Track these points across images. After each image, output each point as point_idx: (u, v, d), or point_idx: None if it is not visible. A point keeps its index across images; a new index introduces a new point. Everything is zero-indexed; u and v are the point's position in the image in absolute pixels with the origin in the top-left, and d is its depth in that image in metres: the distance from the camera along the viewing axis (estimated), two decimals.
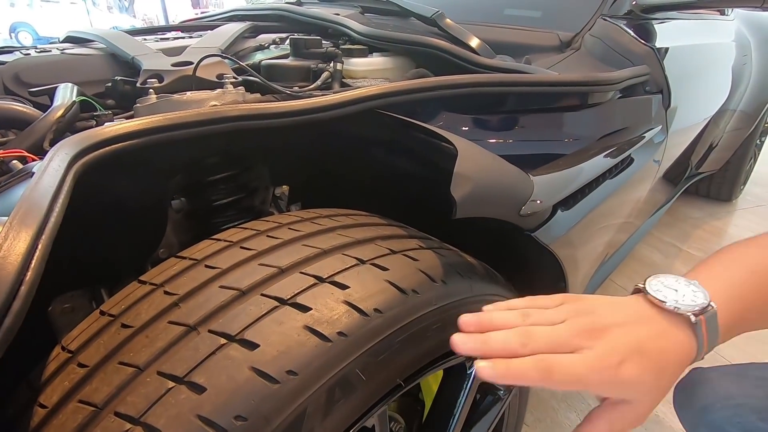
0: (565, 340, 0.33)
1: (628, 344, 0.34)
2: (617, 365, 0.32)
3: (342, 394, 0.32)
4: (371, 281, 0.37)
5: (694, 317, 0.35)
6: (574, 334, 0.34)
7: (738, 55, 1.60)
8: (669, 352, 0.35)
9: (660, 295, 0.36)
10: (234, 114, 0.45)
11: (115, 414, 0.29)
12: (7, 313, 0.21)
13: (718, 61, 1.46)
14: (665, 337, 0.35)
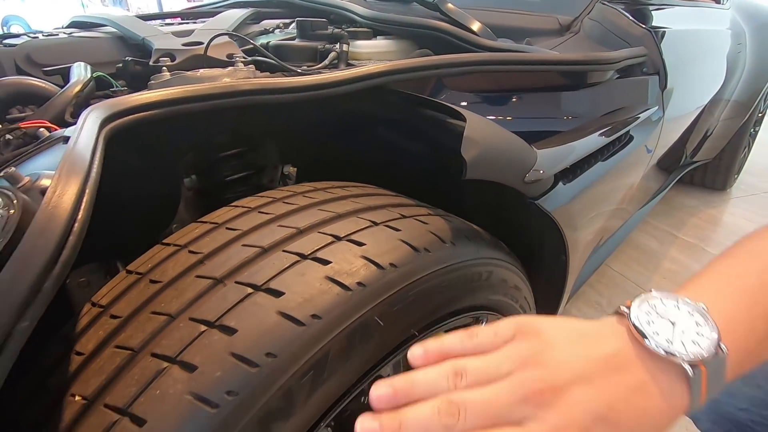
0: (506, 410, 0.24)
1: (591, 410, 0.24)
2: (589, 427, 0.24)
3: (361, 339, 0.34)
4: (386, 240, 0.39)
5: (692, 370, 0.25)
6: (518, 399, 0.25)
7: (733, 44, 1.62)
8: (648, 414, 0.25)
9: (649, 330, 0.26)
10: (249, 87, 0.47)
11: (152, 355, 0.31)
12: (65, 247, 0.23)
13: (714, 49, 1.49)
14: (646, 394, 0.25)
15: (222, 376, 0.29)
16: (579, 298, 1.50)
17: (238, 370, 0.29)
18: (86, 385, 0.32)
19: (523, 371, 0.25)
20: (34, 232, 0.23)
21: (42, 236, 0.23)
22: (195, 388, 0.29)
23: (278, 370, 0.30)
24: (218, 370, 0.29)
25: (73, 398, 0.32)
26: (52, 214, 0.24)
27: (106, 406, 0.30)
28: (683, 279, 1.32)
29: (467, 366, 0.26)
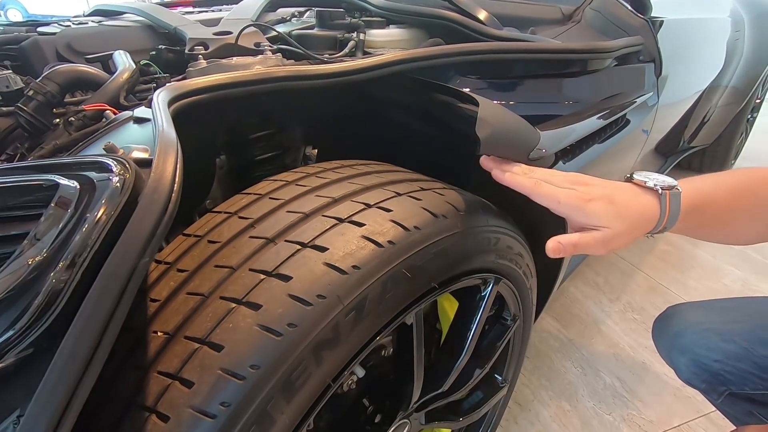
0: (558, 181, 0.47)
1: (601, 193, 0.46)
2: (587, 201, 0.45)
3: (393, 287, 0.41)
4: (410, 207, 0.46)
5: (661, 190, 0.46)
6: (566, 180, 0.47)
7: (732, 31, 1.66)
8: (634, 207, 0.46)
9: (640, 177, 0.48)
10: (285, 74, 0.52)
11: (221, 298, 0.38)
12: (169, 202, 0.30)
13: (712, 36, 1.53)
14: (634, 198, 0.47)
15: (283, 312, 0.36)
16: (578, 277, 1.58)
17: (296, 307, 0.36)
18: (166, 323, 0.38)
19: (572, 177, 0.48)
20: (150, 190, 0.29)
21: (156, 193, 0.29)
22: (262, 321, 0.35)
23: (328, 308, 0.37)
24: (279, 307, 0.36)
25: (155, 334, 0.38)
26: (161, 178, 0.30)
27: (186, 337, 0.37)
28: (677, 260, 1.43)
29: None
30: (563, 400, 1.11)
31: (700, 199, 0.48)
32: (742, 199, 0.51)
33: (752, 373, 0.65)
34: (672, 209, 0.46)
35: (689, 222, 0.48)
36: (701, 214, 0.49)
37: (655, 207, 0.46)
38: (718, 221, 0.51)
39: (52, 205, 0.28)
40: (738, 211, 0.51)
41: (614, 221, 0.45)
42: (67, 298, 0.26)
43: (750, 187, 0.51)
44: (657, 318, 0.79)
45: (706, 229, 0.52)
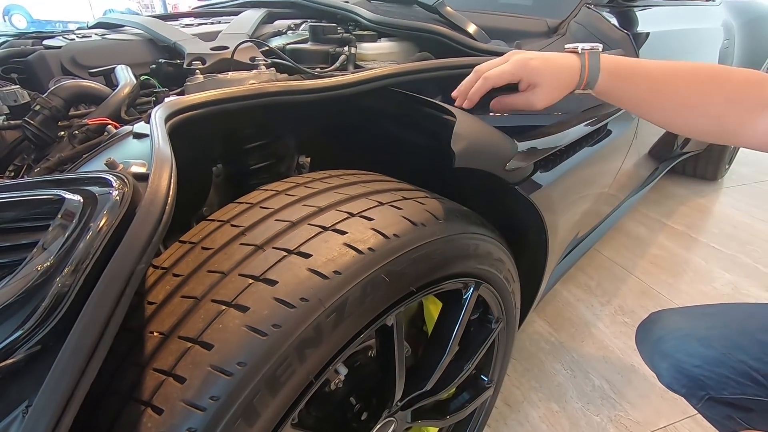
0: (498, 62, 0.60)
1: (538, 55, 0.59)
2: (528, 60, 0.58)
3: (372, 291, 0.44)
4: (391, 216, 0.49)
5: (581, 50, 0.59)
6: (503, 59, 0.60)
7: (722, 39, 1.69)
8: (564, 64, 0.59)
9: (571, 45, 0.61)
10: (276, 89, 0.56)
11: (212, 301, 0.41)
12: (164, 214, 0.33)
13: (702, 45, 1.56)
14: (562, 57, 0.60)
15: (268, 314, 0.39)
16: (570, 281, 1.61)
17: (280, 309, 0.39)
18: (162, 323, 0.42)
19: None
20: (147, 203, 0.32)
21: (152, 205, 0.32)
22: (249, 322, 0.39)
23: (310, 310, 0.40)
24: (265, 309, 0.39)
25: (152, 334, 0.41)
26: (157, 191, 0.33)
27: (180, 337, 0.40)
28: (669, 264, 1.46)
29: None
30: (552, 401, 1.14)
31: (626, 65, 0.59)
32: (684, 81, 0.57)
33: (730, 378, 0.67)
34: (591, 65, 0.59)
35: (616, 84, 0.59)
36: (628, 79, 0.59)
37: (577, 64, 0.59)
38: (654, 95, 0.59)
39: (58, 217, 0.31)
40: (680, 92, 0.57)
41: (546, 77, 0.58)
42: (71, 301, 0.29)
43: (698, 73, 0.57)
44: (640, 324, 0.82)
45: (640, 99, 0.60)
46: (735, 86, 0.56)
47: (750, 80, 0.55)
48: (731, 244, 1.84)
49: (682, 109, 0.58)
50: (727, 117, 0.56)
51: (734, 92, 0.55)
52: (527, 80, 0.58)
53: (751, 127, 0.54)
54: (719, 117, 0.56)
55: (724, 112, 0.56)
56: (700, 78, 0.57)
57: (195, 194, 0.73)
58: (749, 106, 0.54)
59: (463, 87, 0.60)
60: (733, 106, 0.55)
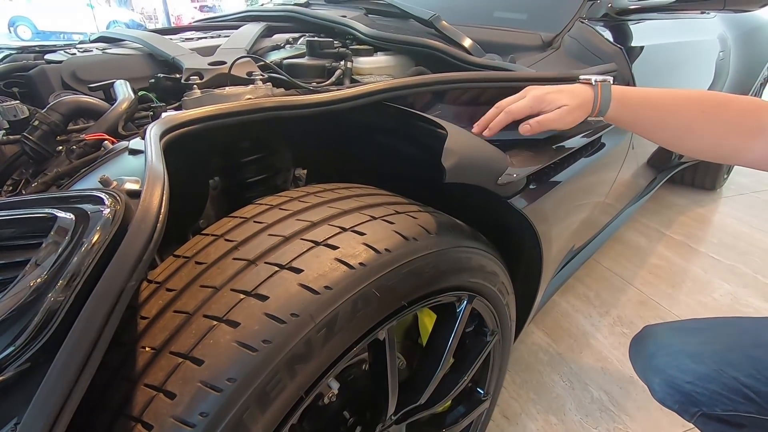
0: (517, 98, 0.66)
1: (552, 88, 0.66)
2: (545, 93, 0.65)
3: (363, 305, 0.44)
4: (382, 230, 0.49)
5: (594, 82, 0.66)
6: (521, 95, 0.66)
7: (717, 52, 1.71)
8: (576, 93, 0.65)
9: (585, 77, 0.68)
10: (272, 105, 0.57)
11: (204, 316, 0.42)
12: (155, 231, 0.34)
13: (697, 57, 1.57)
14: (575, 87, 0.67)
15: (259, 329, 0.39)
16: (569, 291, 1.60)
17: (271, 325, 0.40)
18: (154, 339, 0.42)
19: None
20: (138, 221, 0.33)
21: (143, 223, 0.33)
22: (240, 338, 0.39)
23: (300, 325, 0.40)
24: (256, 325, 0.40)
25: (143, 349, 0.42)
26: (148, 209, 0.34)
27: (171, 353, 0.40)
28: (668, 274, 1.46)
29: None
30: (551, 413, 1.13)
31: (635, 95, 0.66)
32: (686, 110, 0.64)
33: (722, 394, 0.66)
34: (603, 95, 0.66)
35: (625, 112, 0.66)
36: (636, 108, 0.66)
37: (590, 94, 0.66)
38: (660, 122, 0.65)
39: (50, 235, 0.32)
40: (681, 119, 0.64)
41: (567, 101, 0.64)
42: (61, 318, 0.30)
43: (700, 102, 0.64)
44: (633, 338, 0.82)
45: (647, 125, 0.67)
46: (734, 114, 0.62)
47: (747, 108, 0.62)
48: (730, 254, 1.84)
49: (685, 134, 0.65)
50: (726, 141, 0.63)
51: (732, 120, 0.62)
52: (548, 109, 0.64)
53: (747, 150, 0.61)
54: (719, 141, 0.63)
55: (723, 136, 0.62)
56: (704, 106, 0.63)
57: (192, 207, 0.74)
58: (745, 132, 0.61)
59: (484, 120, 0.66)
60: (732, 132, 0.62)
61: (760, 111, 0.60)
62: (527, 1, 1.09)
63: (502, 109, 0.65)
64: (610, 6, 1.05)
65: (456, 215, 0.64)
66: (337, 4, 1.34)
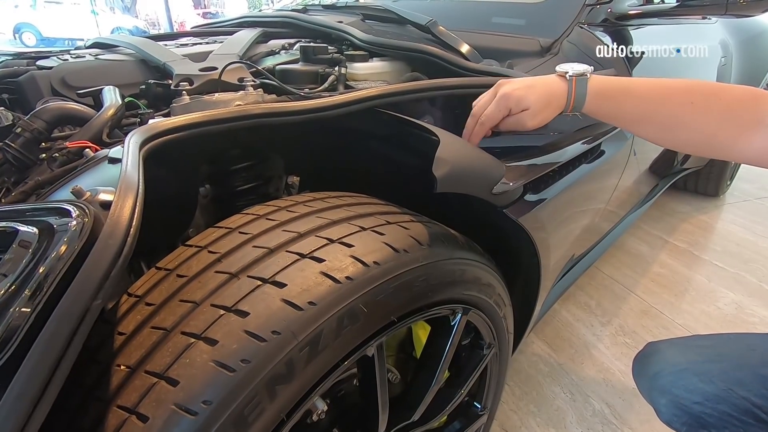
0: (486, 101, 0.63)
1: (523, 85, 0.61)
2: (511, 91, 0.61)
3: (349, 322, 0.42)
4: (371, 242, 0.47)
5: (568, 76, 0.62)
6: (491, 96, 0.63)
7: (719, 57, 1.69)
8: (547, 89, 0.61)
9: (561, 68, 0.63)
10: (259, 112, 0.55)
11: (182, 333, 0.40)
12: (125, 245, 0.32)
13: (698, 63, 1.56)
14: (549, 82, 0.62)
15: (237, 348, 0.37)
16: (570, 300, 1.58)
17: (250, 343, 0.37)
18: (129, 357, 0.40)
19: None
20: (105, 235, 0.31)
21: (111, 238, 0.31)
22: (217, 357, 0.37)
23: (282, 344, 0.38)
24: (235, 343, 0.37)
25: (119, 367, 0.40)
26: (117, 222, 0.32)
27: (146, 372, 0.38)
28: (671, 283, 1.43)
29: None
30: (551, 426, 1.10)
31: (616, 85, 0.61)
32: (672, 100, 0.58)
33: (732, 415, 0.63)
34: (578, 91, 0.61)
35: (605, 104, 0.61)
36: (617, 99, 0.61)
37: (563, 89, 0.62)
38: (645, 114, 0.60)
39: (11, 249, 0.30)
40: (667, 111, 0.58)
41: (532, 102, 0.60)
42: (19, 341, 0.28)
43: (688, 91, 0.58)
44: (636, 356, 0.79)
45: (631, 118, 0.62)
46: (728, 104, 0.56)
47: (743, 98, 0.55)
48: (734, 262, 1.81)
49: (674, 127, 0.59)
50: (720, 134, 0.56)
51: (727, 111, 0.56)
52: (515, 109, 0.61)
53: (744, 143, 0.55)
54: (712, 134, 0.57)
55: (716, 129, 0.56)
56: (693, 97, 0.57)
57: (182, 216, 0.72)
58: (742, 124, 0.55)
59: (466, 130, 0.65)
60: (726, 124, 0.55)
61: (757, 101, 0.54)
62: (525, 7, 1.08)
63: (477, 116, 0.63)
64: (609, 11, 1.03)
65: (451, 224, 0.62)
66: (334, 10, 1.33)
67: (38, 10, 11.78)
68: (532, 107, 0.60)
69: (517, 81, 0.63)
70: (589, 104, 0.62)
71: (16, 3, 11.59)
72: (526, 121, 0.61)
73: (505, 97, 0.61)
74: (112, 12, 14.12)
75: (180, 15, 13.80)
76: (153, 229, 0.70)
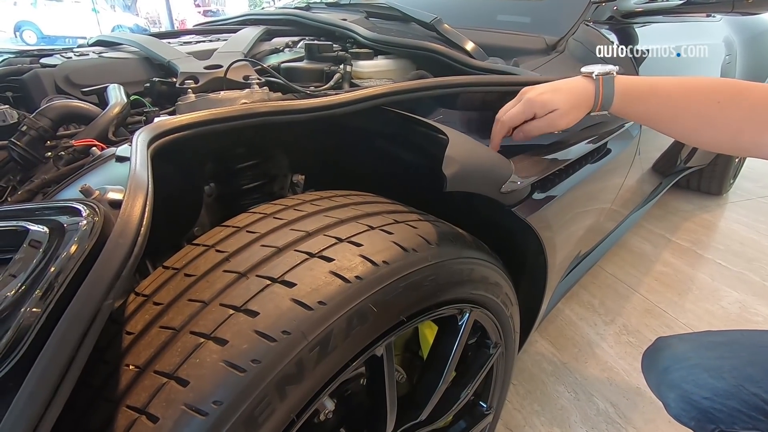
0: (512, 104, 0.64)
1: (548, 88, 0.62)
2: (538, 95, 0.61)
3: (359, 322, 0.42)
4: (380, 241, 0.47)
5: (595, 75, 0.62)
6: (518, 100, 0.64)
7: (724, 55, 1.68)
8: (574, 91, 0.62)
9: (587, 69, 0.64)
10: (267, 110, 0.55)
11: (191, 333, 0.39)
12: (135, 245, 0.31)
13: (702, 61, 1.55)
14: (575, 83, 0.63)
15: (248, 348, 0.37)
16: (573, 299, 1.57)
17: (260, 343, 0.37)
18: (138, 356, 0.40)
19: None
20: (116, 234, 0.31)
21: (122, 237, 0.31)
22: (227, 357, 0.37)
23: (292, 344, 0.38)
24: (245, 343, 0.37)
25: (127, 367, 0.39)
26: (128, 222, 0.32)
27: (156, 372, 0.38)
28: (675, 281, 1.43)
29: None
30: (555, 426, 1.10)
31: (643, 85, 0.62)
32: (697, 100, 0.59)
33: (742, 411, 0.63)
34: (605, 90, 0.62)
35: (632, 104, 0.62)
36: (644, 99, 0.61)
37: (591, 88, 0.62)
38: (672, 113, 0.60)
39: (22, 249, 0.30)
40: (694, 110, 0.59)
41: (560, 103, 0.61)
42: (30, 342, 0.27)
43: (714, 90, 0.58)
44: (646, 351, 0.78)
45: (658, 117, 0.62)
46: (753, 103, 0.56)
47: None
48: (738, 261, 1.80)
49: (701, 125, 0.60)
50: (746, 132, 0.57)
51: (752, 109, 0.56)
52: (541, 113, 0.62)
53: None
54: (737, 132, 0.58)
55: (742, 127, 0.57)
56: (718, 95, 0.58)
57: (186, 214, 0.72)
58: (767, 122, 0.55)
59: (497, 139, 0.65)
60: (752, 122, 0.56)
61: None
62: (531, 4, 1.07)
63: (499, 119, 0.64)
64: (615, 9, 1.02)
65: (457, 222, 0.62)
66: (337, 8, 1.32)
67: (39, 8, 11.76)
68: (561, 107, 0.61)
69: (541, 86, 0.63)
70: (617, 104, 0.62)
71: (14, 0, 11.57)
72: (555, 121, 0.61)
73: (529, 102, 0.62)
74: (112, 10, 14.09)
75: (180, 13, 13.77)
76: (158, 227, 0.70)
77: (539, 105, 0.61)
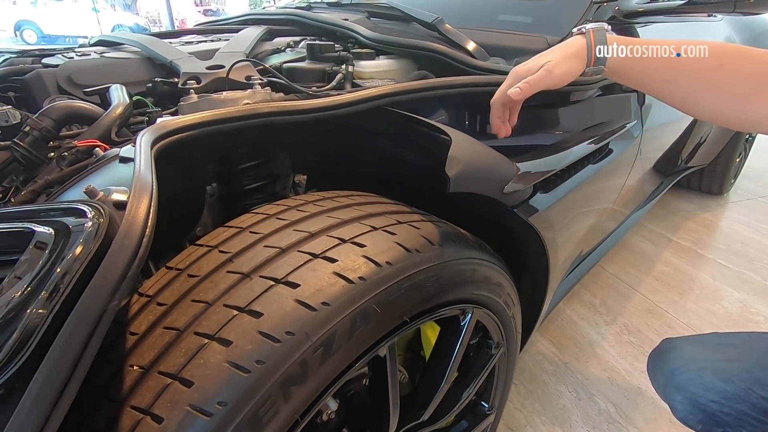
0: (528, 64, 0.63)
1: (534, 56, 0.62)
2: (522, 65, 0.62)
3: (362, 323, 0.42)
4: (383, 242, 0.47)
5: (585, 30, 0.60)
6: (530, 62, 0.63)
7: None
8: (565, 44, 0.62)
9: (576, 29, 0.63)
10: (270, 110, 0.55)
11: (195, 333, 0.39)
12: (140, 246, 0.32)
13: None
14: (565, 42, 0.62)
15: (252, 349, 0.37)
16: (574, 299, 1.57)
17: (264, 344, 0.37)
18: (142, 357, 0.40)
19: None
20: (121, 236, 0.31)
21: (127, 238, 0.31)
22: (231, 358, 0.37)
23: (296, 344, 0.38)
24: (249, 344, 0.37)
25: (132, 368, 0.40)
26: (133, 223, 0.32)
27: (160, 372, 0.38)
28: (676, 281, 1.43)
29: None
30: (556, 425, 1.10)
31: (641, 41, 0.58)
32: (698, 61, 0.53)
33: (750, 415, 0.62)
34: (597, 39, 0.59)
35: (627, 62, 0.59)
36: (641, 60, 0.58)
37: (582, 41, 0.60)
38: (673, 74, 0.56)
39: (27, 250, 0.30)
40: (702, 73, 0.53)
41: (550, 56, 0.60)
42: (36, 343, 0.28)
43: (719, 53, 0.53)
44: (652, 352, 0.78)
45: (658, 78, 0.58)
46: (762, 70, 0.51)
47: None
48: (739, 260, 1.80)
49: (703, 91, 0.55)
50: (754, 101, 0.51)
51: (760, 75, 0.51)
52: (534, 70, 0.60)
53: None
54: (743, 100, 0.52)
55: (749, 95, 0.51)
56: (721, 59, 0.53)
57: (189, 215, 0.72)
58: None
59: (495, 120, 0.64)
60: (761, 92, 0.51)
61: None
62: (532, 4, 1.07)
63: (500, 100, 0.64)
64: (617, 9, 1.02)
65: (460, 223, 0.62)
66: (339, 8, 1.32)
67: (39, 7, 11.75)
68: (553, 59, 0.59)
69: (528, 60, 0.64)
70: (612, 62, 0.59)
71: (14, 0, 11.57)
72: (551, 71, 0.58)
73: (515, 73, 0.61)
74: (112, 9, 14.08)
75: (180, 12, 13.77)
76: (161, 228, 0.70)
77: (527, 68, 0.61)
